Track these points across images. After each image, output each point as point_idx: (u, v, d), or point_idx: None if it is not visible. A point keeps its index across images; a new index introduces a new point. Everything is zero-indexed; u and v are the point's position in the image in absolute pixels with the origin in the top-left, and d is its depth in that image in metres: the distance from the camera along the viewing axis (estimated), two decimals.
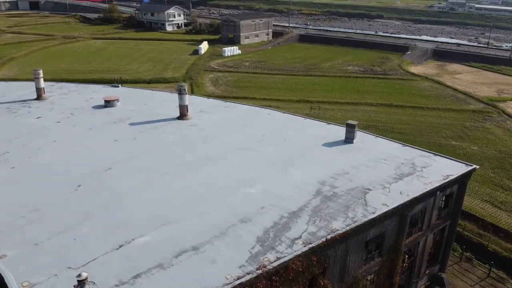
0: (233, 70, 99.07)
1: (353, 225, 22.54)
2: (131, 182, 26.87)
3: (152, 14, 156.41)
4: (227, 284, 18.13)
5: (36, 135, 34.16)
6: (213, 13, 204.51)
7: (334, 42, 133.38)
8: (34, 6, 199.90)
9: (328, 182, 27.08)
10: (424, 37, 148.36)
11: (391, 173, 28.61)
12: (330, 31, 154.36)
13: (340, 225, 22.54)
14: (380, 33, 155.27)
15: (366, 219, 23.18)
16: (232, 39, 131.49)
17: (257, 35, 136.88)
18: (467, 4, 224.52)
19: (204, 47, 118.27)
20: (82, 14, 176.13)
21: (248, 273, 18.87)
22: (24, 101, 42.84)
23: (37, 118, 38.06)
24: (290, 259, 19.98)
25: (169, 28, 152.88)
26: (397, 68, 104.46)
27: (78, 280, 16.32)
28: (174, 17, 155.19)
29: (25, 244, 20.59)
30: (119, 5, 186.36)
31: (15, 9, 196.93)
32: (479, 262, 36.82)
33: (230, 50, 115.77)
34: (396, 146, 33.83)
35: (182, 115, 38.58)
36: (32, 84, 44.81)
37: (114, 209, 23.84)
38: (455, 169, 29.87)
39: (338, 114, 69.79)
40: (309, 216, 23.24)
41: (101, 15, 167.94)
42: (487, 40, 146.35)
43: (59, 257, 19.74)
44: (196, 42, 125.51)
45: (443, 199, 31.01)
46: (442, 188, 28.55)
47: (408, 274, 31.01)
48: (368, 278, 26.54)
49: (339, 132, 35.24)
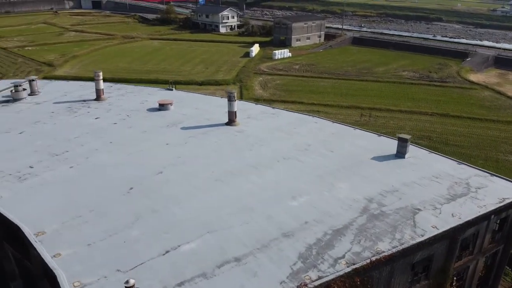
0: (283, 73, 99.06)
1: (400, 248, 21.92)
2: (180, 187, 27.75)
3: (207, 16, 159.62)
4: None
5: (94, 136, 36.04)
6: (266, 14, 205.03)
7: (389, 46, 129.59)
8: (97, 5, 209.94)
9: (376, 199, 26.47)
10: (486, 43, 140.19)
11: (443, 193, 27.48)
12: (385, 34, 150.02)
13: (386, 247, 22.00)
14: (439, 37, 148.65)
15: (414, 242, 22.47)
16: (284, 42, 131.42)
17: (309, 38, 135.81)
18: None
19: (255, 50, 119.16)
20: (141, 15, 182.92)
21: None
22: (84, 101, 45.30)
23: (96, 119, 40.12)
24: (332, 279, 19.78)
25: (223, 30, 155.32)
26: (455, 76, 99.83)
27: (126, 287, 17.06)
28: (228, 19, 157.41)
29: (79, 244, 21.81)
30: (176, 6, 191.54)
31: (78, 8, 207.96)
32: None
33: (281, 53, 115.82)
34: (451, 164, 32.37)
35: (231, 121, 39.23)
36: (92, 84, 47.31)
37: (163, 213, 24.77)
38: None
39: (390, 122, 67.91)
40: (354, 235, 22.87)
41: (159, 16, 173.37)
42: None
43: (109, 259, 20.81)
44: (248, 44, 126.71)
45: (498, 222, 29.33)
46: (497, 212, 27.07)
47: None
48: None
49: (391, 145, 34.21)
